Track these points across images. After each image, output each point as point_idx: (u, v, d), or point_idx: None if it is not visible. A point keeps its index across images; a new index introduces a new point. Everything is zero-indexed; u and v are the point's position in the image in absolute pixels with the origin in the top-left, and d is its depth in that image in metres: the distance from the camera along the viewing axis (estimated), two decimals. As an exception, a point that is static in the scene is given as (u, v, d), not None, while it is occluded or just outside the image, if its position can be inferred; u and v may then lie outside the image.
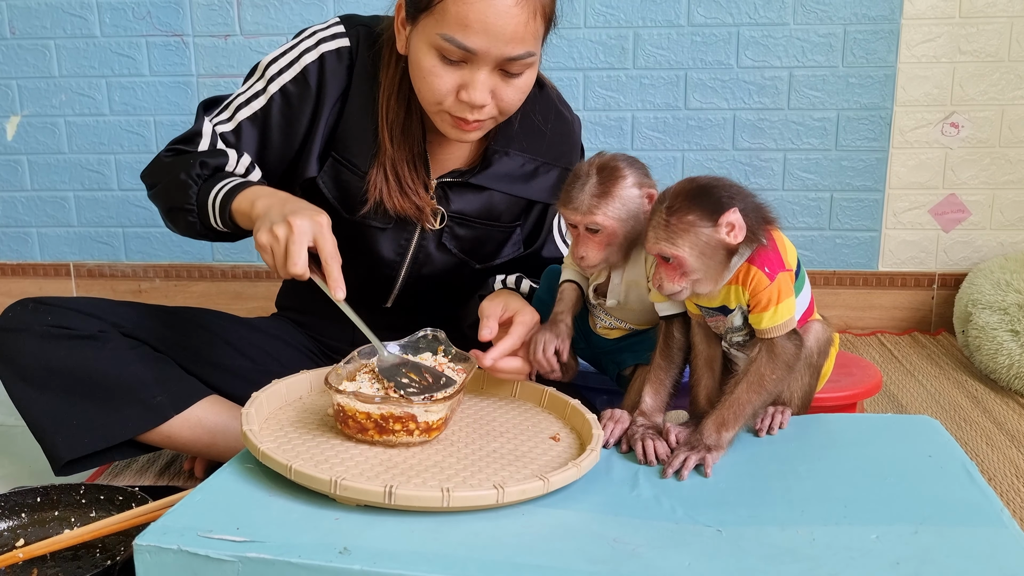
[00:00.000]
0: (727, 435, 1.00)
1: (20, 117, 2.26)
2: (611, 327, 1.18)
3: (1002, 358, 1.78)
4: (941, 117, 2.12)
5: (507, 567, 0.76)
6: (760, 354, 1.01)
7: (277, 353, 1.40)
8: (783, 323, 1.00)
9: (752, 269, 0.99)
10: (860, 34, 2.08)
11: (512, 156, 1.30)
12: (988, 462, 1.44)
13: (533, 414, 1.09)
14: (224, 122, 1.25)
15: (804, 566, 0.78)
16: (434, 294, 1.40)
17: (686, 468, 0.96)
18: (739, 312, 1.03)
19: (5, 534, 1.11)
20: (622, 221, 1.04)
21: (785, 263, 1.01)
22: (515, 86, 1.15)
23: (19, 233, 2.33)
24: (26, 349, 1.21)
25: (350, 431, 0.97)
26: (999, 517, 0.85)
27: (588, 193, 1.03)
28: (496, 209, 1.32)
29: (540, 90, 1.31)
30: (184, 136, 1.25)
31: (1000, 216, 2.17)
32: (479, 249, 1.35)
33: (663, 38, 2.12)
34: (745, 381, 1.01)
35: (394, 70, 1.23)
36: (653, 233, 0.97)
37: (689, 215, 0.95)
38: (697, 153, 2.16)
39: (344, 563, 0.76)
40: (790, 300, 1.00)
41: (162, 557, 0.78)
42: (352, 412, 0.95)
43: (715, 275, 0.98)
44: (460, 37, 1.08)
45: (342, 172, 1.27)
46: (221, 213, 1.15)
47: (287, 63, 1.25)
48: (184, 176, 1.18)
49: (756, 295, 0.99)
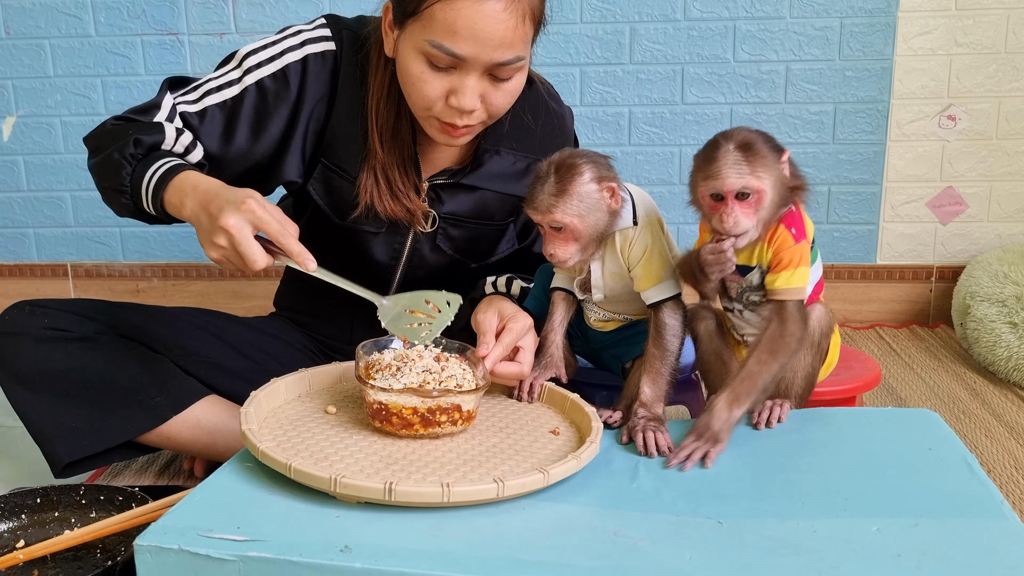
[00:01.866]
0: (738, 412, 1.01)
1: (16, 117, 2.25)
2: (605, 319, 1.18)
3: (1000, 350, 1.79)
4: (938, 110, 2.12)
5: (508, 563, 0.76)
6: (771, 321, 1.03)
7: (275, 352, 1.40)
8: (797, 288, 1.03)
9: (780, 227, 1.02)
10: (856, 27, 2.08)
11: (503, 155, 1.29)
12: (987, 454, 1.44)
13: (532, 409, 1.09)
14: (189, 103, 1.21)
15: (805, 559, 0.78)
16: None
17: (691, 461, 0.97)
18: (759, 272, 1.05)
19: (5, 535, 1.11)
20: (581, 217, 1.04)
21: (806, 234, 1.04)
22: (504, 90, 1.14)
23: (16, 234, 2.32)
24: (23, 352, 1.20)
25: (393, 428, 0.97)
26: (999, 509, 0.85)
27: (547, 192, 1.04)
28: (489, 208, 1.32)
29: (529, 87, 1.30)
30: (140, 107, 1.19)
31: (998, 208, 2.17)
32: (473, 248, 1.35)
33: (659, 33, 2.11)
34: (756, 353, 1.02)
35: (383, 74, 1.21)
36: (733, 169, 0.98)
37: (764, 149, 0.99)
38: (694, 148, 2.14)
39: (345, 561, 0.76)
40: (806, 269, 1.03)
41: (163, 557, 0.78)
42: (397, 409, 0.96)
43: (773, 216, 1.02)
44: (448, 43, 1.07)
45: (333, 179, 1.26)
46: (153, 201, 1.10)
47: (268, 57, 1.22)
48: (118, 156, 1.13)
49: (779, 253, 1.02)
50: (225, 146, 1.22)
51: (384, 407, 0.96)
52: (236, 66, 1.23)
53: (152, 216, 1.15)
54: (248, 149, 1.23)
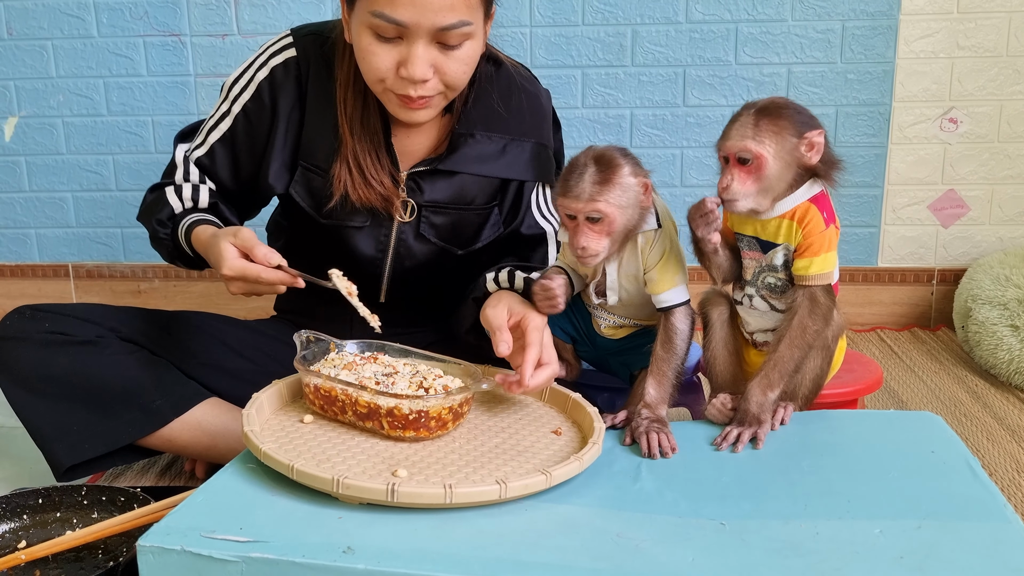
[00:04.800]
0: (772, 395, 1.03)
1: (18, 118, 2.25)
2: (617, 326, 1.18)
3: (1002, 353, 1.78)
4: (940, 113, 2.12)
5: (511, 565, 0.76)
6: (801, 305, 1.03)
7: (276, 354, 1.40)
8: (827, 273, 1.03)
9: (812, 209, 1.01)
10: (858, 30, 2.08)
11: (478, 137, 1.29)
12: (989, 457, 1.44)
13: (534, 408, 1.09)
14: (198, 147, 1.31)
15: (808, 560, 0.78)
16: (423, 287, 1.40)
17: (741, 442, 0.99)
18: (782, 252, 1.04)
19: (7, 536, 1.11)
20: (622, 208, 1.04)
21: (835, 219, 1.04)
22: (457, 58, 1.15)
23: (17, 234, 2.32)
24: (25, 357, 1.21)
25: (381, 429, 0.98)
26: (1002, 512, 0.85)
27: (588, 181, 1.03)
28: (469, 193, 1.32)
29: (497, 68, 1.31)
30: (165, 171, 1.32)
31: (999, 211, 2.17)
32: (458, 235, 1.34)
33: (661, 35, 2.11)
34: (787, 337, 1.03)
35: (348, 63, 1.24)
36: (738, 131, 0.99)
37: (781, 120, 0.98)
38: (696, 150, 2.16)
39: (348, 562, 0.76)
40: (834, 254, 1.03)
41: (166, 558, 0.78)
42: (391, 409, 0.96)
43: (778, 192, 1.01)
44: (388, 11, 1.09)
45: (312, 179, 1.28)
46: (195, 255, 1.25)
47: (245, 83, 1.29)
48: (155, 244, 1.30)
49: (809, 237, 1.02)
50: (236, 176, 1.31)
51: (378, 408, 0.97)
52: (224, 98, 1.30)
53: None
54: (252, 171, 1.31)
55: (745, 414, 1.02)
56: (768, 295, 1.08)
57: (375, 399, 0.96)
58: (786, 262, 1.05)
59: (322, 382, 1.00)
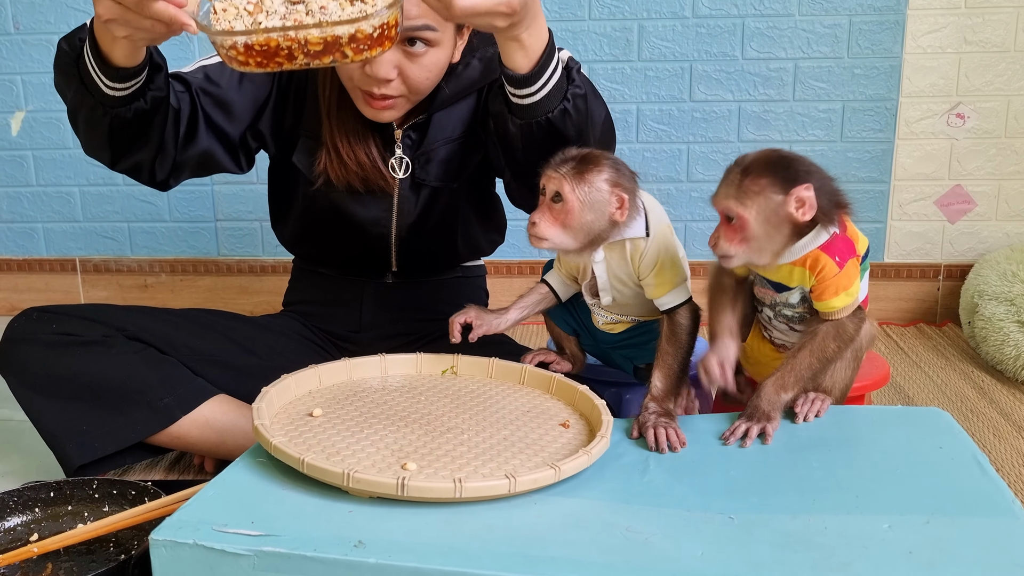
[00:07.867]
0: (785, 396, 1.03)
1: (25, 112, 2.26)
2: (613, 322, 1.18)
3: (1008, 349, 1.78)
4: (947, 108, 2.11)
5: (521, 559, 0.76)
6: (827, 325, 1.03)
7: (284, 349, 1.40)
8: (850, 304, 1.03)
9: (823, 257, 0.99)
10: (865, 25, 2.08)
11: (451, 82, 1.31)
12: (995, 453, 1.44)
13: (542, 401, 1.10)
14: (187, 72, 1.31)
15: (816, 555, 0.78)
16: (431, 241, 1.41)
17: (749, 437, 1.00)
18: (798, 292, 1.04)
19: (19, 529, 1.11)
20: (583, 205, 1.03)
21: (855, 250, 1.02)
22: (421, 64, 1.18)
23: (25, 229, 2.33)
24: (33, 358, 1.22)
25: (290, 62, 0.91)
26: (1011, 508, 0.85)
27: (565, 164, 1.04)
28: (450, 125, 1.33)
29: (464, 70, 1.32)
30: None
31: (1006, 207, 2.16)
32: (449, 169, 1.36)
33: (668, 30, 2.11)
34: (808, 348, 1.03)
35: None
36: (723, 190, 0.98)
37: (763, 179, 0.96)
38: (702, 145, 2.16)
39: (359, 556, 0.76)
40: (857, 283, 1.02)
41: (178, 551, 0.78)
42: (353, 35, 0.90)
43: (774, 248, 0.99)
44: None
45: (312, 147, 1.33)
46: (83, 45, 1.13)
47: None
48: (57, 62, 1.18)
49: (823, 283, 1.01)
50: (237, 89, 1.30)
51: (385, 25, 0.90)
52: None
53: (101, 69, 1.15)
54: (253, 96, 1.31)
55: (755, 409, 1.02)
56: (787, 321, 1.09)
57: (331, 31, 0.90)
58: (803, 298, 1.05)
59: (255, 38, 0.90)
